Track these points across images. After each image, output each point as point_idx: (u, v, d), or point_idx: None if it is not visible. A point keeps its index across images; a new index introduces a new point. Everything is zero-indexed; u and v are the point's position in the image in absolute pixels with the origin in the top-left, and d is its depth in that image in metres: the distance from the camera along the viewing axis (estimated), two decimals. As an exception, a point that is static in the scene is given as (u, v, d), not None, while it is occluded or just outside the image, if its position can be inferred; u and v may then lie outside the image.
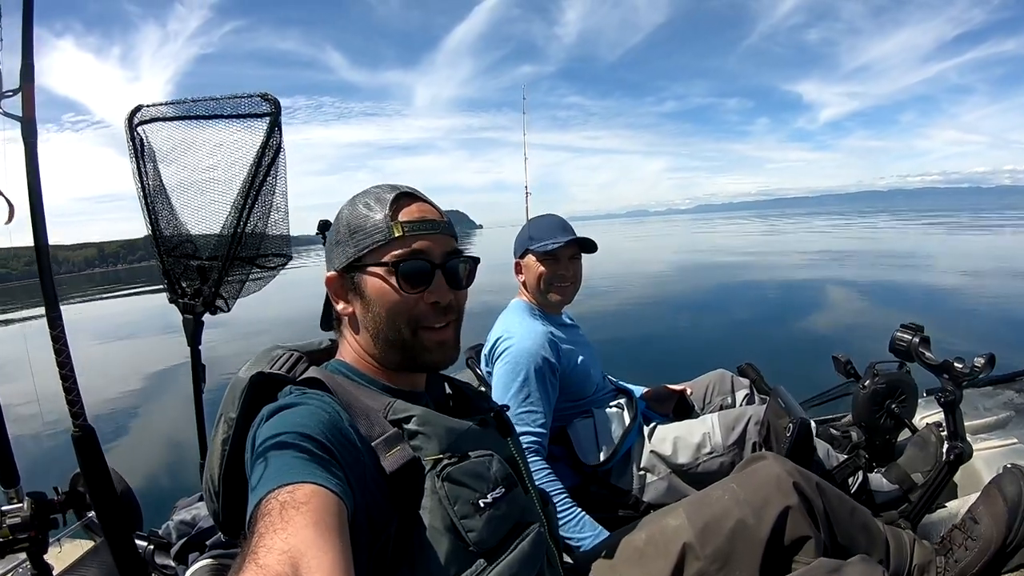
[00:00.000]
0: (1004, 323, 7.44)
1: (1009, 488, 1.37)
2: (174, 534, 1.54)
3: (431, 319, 0.97)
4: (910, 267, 14.13)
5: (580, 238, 1.99)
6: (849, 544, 1.30)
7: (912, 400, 2.06)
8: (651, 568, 1.27)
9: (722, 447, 1.89)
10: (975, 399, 2.43)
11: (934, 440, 1.92)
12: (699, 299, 11.36)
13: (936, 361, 1.72)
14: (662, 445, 1.93)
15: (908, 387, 2.04)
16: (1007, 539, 1.32)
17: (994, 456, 1.98)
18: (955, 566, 1.35)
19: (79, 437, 1.12)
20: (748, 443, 1.89)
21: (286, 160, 1.48)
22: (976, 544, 1.34)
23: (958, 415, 1.71)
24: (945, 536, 1.43)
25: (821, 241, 26.96)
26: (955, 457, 1.68)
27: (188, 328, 1.58)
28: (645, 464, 1.92)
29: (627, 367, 3.77)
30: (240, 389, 0.94)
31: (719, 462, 1.88)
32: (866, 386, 2.02)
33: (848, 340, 6.73)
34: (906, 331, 1.79)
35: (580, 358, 1.98)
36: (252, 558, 0.57)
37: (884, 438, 2.05)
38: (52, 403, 1.30)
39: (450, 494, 0.84)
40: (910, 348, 1.76)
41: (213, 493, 0.99)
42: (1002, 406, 2.43)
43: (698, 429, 1.95)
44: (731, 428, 1.92)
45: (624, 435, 1.92)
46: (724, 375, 2.43)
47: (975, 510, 1.41)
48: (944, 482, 1.74)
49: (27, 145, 0.94)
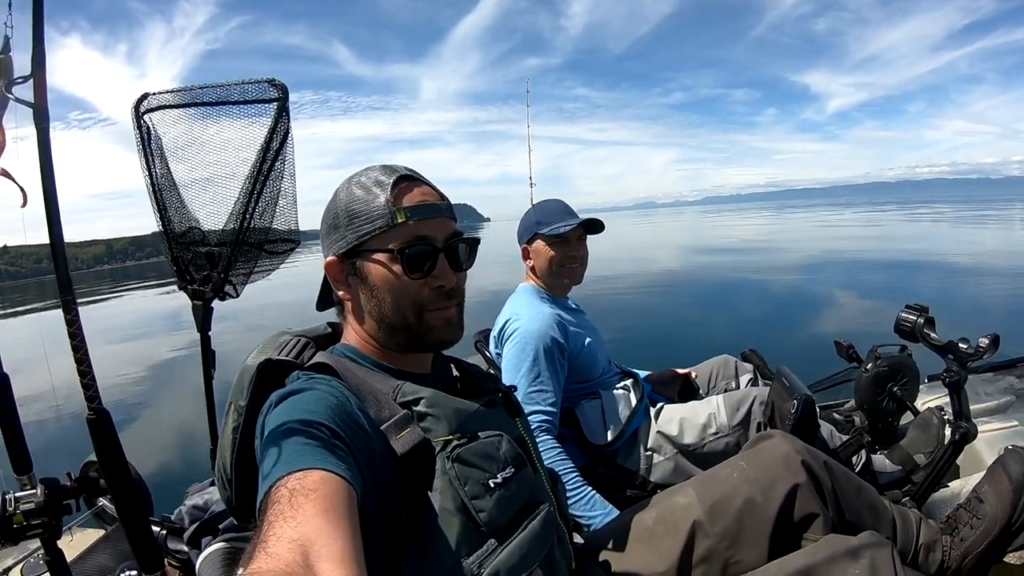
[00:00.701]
0: (1006, 309, 7.48)
1: (1014, 468, 1.38)
2: (186, 519, 1.55)
3: (436, 303, 0.97)
4: (913, 255, 14.13)
5: (587, 219, 2.03)
6: (857, 522, 1.30)
7: (914, 383, 2.07)
8: (661, 546, 1.27)
9: (727, 427, 1.91)
10: (976, 384, 2.44)
11: (936, 422, 1.93)
12: (703, 288, 11.38)
13: (941, 342, 1.73)
14: (668, 426, 1.95)
15: (910, 370, 2.05)
16: (1012, 518, 1.33)
17: (995, 438, 2.00)
18: (961, 544, 1.36)
19: (94, 420, 1.13)
20: (753, 423, 1.91)
21: (294, 145, 1.48)
22: (981, 523, 1.35)
23: (963, 395, 1.72)
24: (951, 515, 1.44)
25: (825, 231, 27.00)
26: (960, 437, 1.70)
27: (198, 314, 1.59)
28: (652, 444, 1.95)
29: (632, 353, 3.78)
30: (249, 377, 0.94)
31: (724, 442, 1.90)
32: (868, 369, 2.03)
33: (850, 327, 6.77)
34: (911, 312, 1.80)
35: (587, 340, 2.01)
36: (263, 547, 0.57)
37: (887, 420, 2.06)
38: (64, 390, 1.31)
39: (460, 475, 0.84)
40: (915, 328, 1.77)
41: (226, 481, 1.00)
42: (1003, 391, 2.45)
43: (703, 410, 1.97)
44: (736, 409, 1.94)
45: (631, 416, 1.94)
46: (728, 360, 2.44)
47: (980, 489, 1.42)
48: (949, 462, 1.75)
49: (39, 131, 0.95)
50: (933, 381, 2.54)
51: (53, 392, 1.46)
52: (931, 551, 1.37)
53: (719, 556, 1.23)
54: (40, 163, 0.94)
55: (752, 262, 14.88)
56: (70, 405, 1.28)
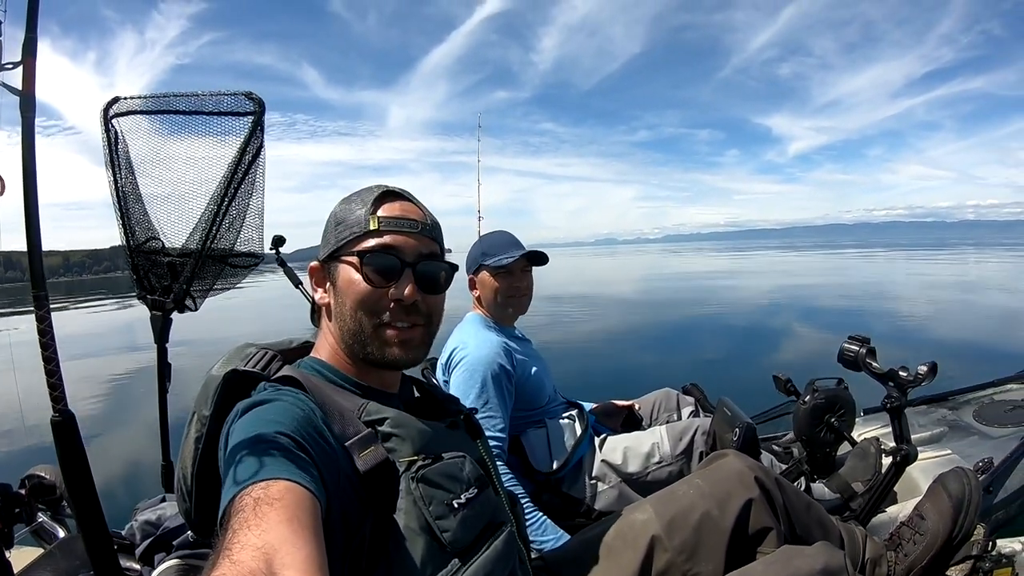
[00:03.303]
0: (943, 340, 7.89)
1: (953, 485, 1.46)
2: (138, 535, 1.50)
3: (393, 316, 0.97)
4: (859, 292, 14.71)
5: (531, 252, 2.06)
6: (807, 536, 1.35)
7: (851, 415, 2.17)
8: (621, 560, 1.29)
9: (670, 456, 1.96)
10: (911, 416, 2.56)
11: (873, 451, 2.03)
12: (648, 322, 11.52)
13: (882, 370, 1.82)
14: (613, 455, 1.99)
15: (846, 402, 2.14)
16: (953, 532, 1.40)
17: (930, 466, 2.09)
18: (905, 560, 1.42)
19: (59, 423, 1.09)
20: (695, 453, 1.96)
21: (265, 161, 1.48)
22: (924, 538, 1.42)
23: (903, 420, 1.81)
24: (894, 532, 1.50)
25: (775, 269, 27.81)
26: (902, 459, 1.77)
27: (156, 326, 1.55)
28: (596, 473, 1.98)
29: (576, 385, 3.83)
30: (214, 387, 0.94)
31: (668, 471, 1.94)
32: (806, 402, 2.11)
33: (791, 361, 6.94)
34: (854, 342, 1.88)
35: (534, 369, 2.04)
36: (226, 554, 0.57)
37: (824, 451, 2.14)
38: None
39: (425, 495, 0.85)
40: (857, 358, 1.85)
41: (185, 492, 0.98)
42: (936, 423, 2.58)
43: (647, 440, 2.02)
44: (679, 439, 1.99)
45: (576, 445, 1.97)
46: (670, 393, 2.50)
47: (922, 507, 1.49)
48: (891, 483, 1.82)
49: (24, 119, 0.94)
50: (869, 414, 2.66)
51: (19, 401, 1.39)
52: (877, 565, 1.42)
53: (678, 569, 1.26)
54: (23, 153, 0.93)
55: (700, 298, 15.16)
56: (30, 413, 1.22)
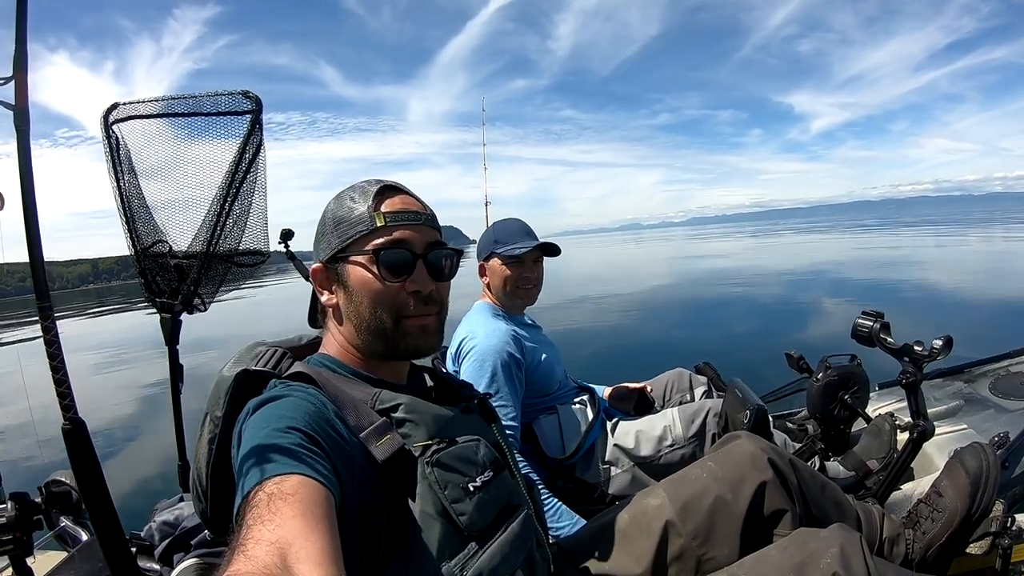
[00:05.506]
0: (958, 313, 7.84)
1: (971, 462, 1.44)
2: (157, 536, 1.52)
3: (412, 308, 0.98)
4: (877, 267, 14.57)
5: (544, 243, 2.05)
6: (822, 517, 1.34)
7: (864, 391, 2.14)
8: (635, 547, 1.29)
9: (683, 439, 1.96)
10: (926, 390, 2.53)
11: (888, 428, 2.00)
12: (662, 303, 11.51)
13: (896, 345, 1.79)
14: (625, 439, 1.99)
15: (860, 379, 2.12)
16: (971, 509, 1.39)
17: (946, 441, 2.07)
18: (923, 537, 1.40)
19: (69, 431, 1.10)
20: (708, 435, 1.96)
21: (266, 159, 1.48)
22: (942, 516, 1.40)
23: (919, 395, 1.78)
24: (912, 510, 1.48)
25: (797, 248, 27.52)
26: (919, 435, 1.75)
27: (166, 328, 1.56)
28: (609, 458, 1.98)
29: (588, 369, 3.83)
30: (225, 387, 0.95)
31: (680, 454, 1.94)
32: (819, 379, 2.09)
33: (805, 338, 6.92)
34: (867, 318, 1.86)
35: (543, 355, 2.04)
36: (241, 550, 0.57)
37: (839, 428, 2.12)
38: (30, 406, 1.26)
39: (440, 479, 0.85)
40: (871, 333, 1.83)
41: (201, 492, 0.99)
42: (951, 396, 2.54)
43: (659, 423, 2.01)
44: (691, 421, 1.98)
45: (588, 430, 1.97)
46: (682, 373, 2.49)
47: (939, 484, 1.47)
48: (909, 460, 1.81)
49: (19, 133, 0.94)
50: (883, 389, 2.62)
51: (30, 411, 1.41)
52: (895, 544, 1.41)
53: (692, 554, 1.26)
54: (19, 167, 0.93)
55: (716, 278, 15.11)
56: (43, 422, 1.24)
